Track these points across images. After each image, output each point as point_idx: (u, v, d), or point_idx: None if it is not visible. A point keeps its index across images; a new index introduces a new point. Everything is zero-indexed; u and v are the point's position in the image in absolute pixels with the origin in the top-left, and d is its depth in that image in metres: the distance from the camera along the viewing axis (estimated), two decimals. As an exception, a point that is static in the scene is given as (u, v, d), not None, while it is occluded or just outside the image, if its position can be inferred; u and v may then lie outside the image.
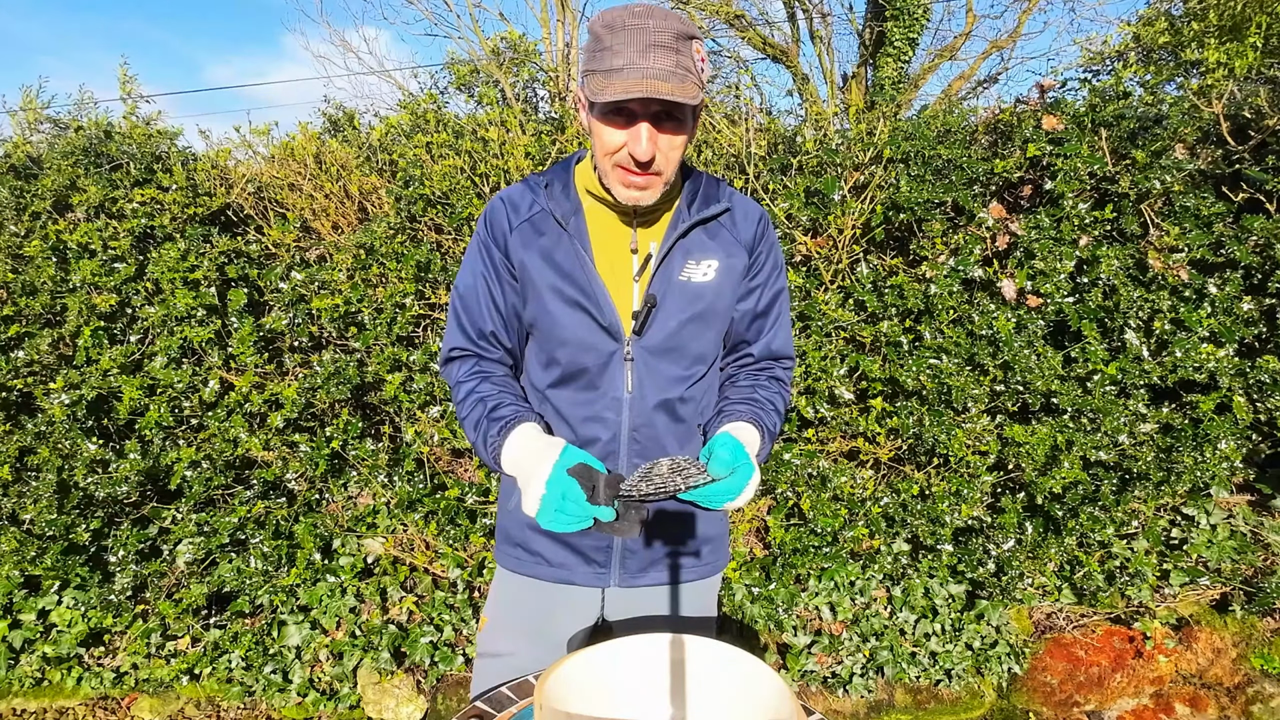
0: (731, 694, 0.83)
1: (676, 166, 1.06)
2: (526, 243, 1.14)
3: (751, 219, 1.19)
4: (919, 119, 2.54)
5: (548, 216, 1.14)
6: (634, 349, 1.13)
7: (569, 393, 1.17)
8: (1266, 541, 2.34)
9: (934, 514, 2.18)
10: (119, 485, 2.13)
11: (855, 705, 2.26)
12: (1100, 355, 2.14)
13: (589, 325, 1.12)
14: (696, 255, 1.14)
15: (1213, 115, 2.25)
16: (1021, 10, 9.63)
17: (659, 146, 1.01)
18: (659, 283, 1.12)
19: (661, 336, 1.13)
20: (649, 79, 0.94)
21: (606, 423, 1.15)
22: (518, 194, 1.17)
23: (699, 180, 1.19)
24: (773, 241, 1.22)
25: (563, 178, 1.17)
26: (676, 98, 0.94)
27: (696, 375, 1.18)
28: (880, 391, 2.22)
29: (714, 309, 1.16)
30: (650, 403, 1.15)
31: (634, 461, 1.16)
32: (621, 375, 1.14)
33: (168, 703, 2.32)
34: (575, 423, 1.17)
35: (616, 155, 1.02)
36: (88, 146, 2.42)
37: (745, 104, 2.96)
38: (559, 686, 0.80)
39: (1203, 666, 2.29)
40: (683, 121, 1.02)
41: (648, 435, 1.16)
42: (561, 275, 1.12)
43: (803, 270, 2.29)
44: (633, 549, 1.22)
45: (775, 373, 1.26)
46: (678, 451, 1.19)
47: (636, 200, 1.05)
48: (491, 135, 2.41)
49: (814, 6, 10.28)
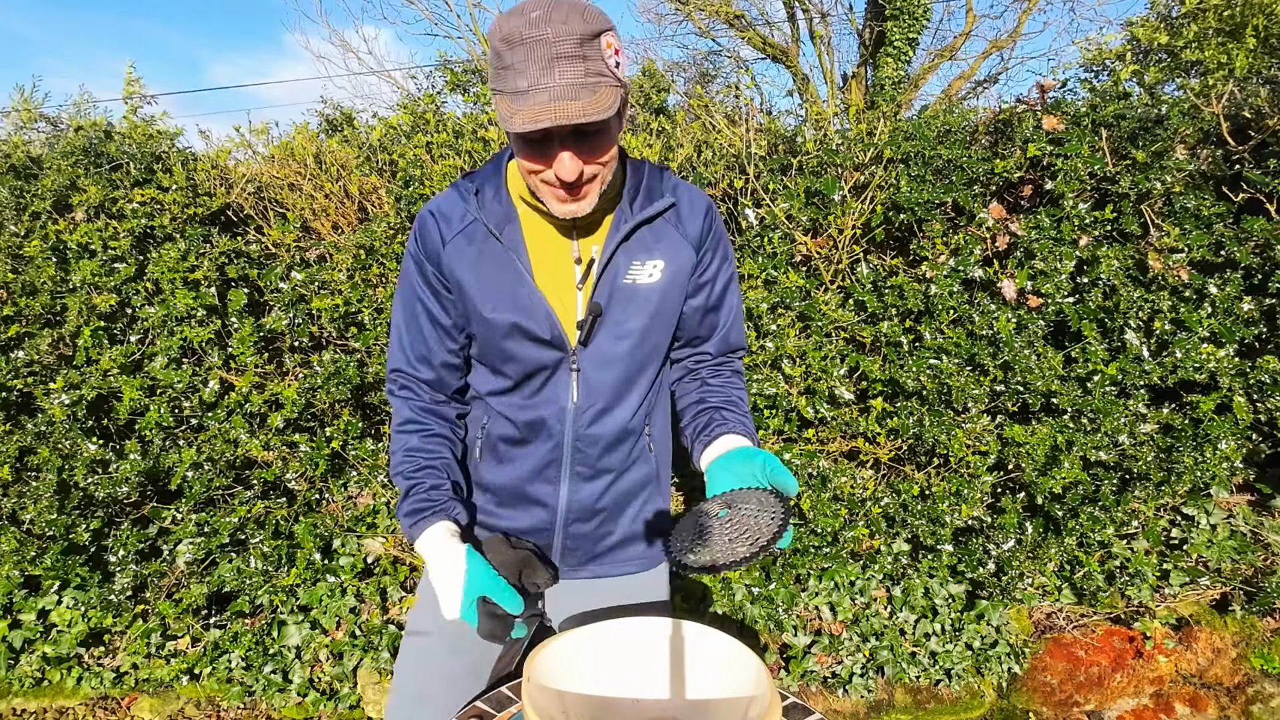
0: (712, 674, 0.86)
1: (612, 168, 1.01)
2: (460, 257, 1.09)
3: (698, 212, 1.14)
4: (919, 119, 2.54)
5: (480, 226, 1.08)
6: (580, 358, 1.10)
7: (515, 400, 1.15)
8: (1266, 541, 2.34)
9: (934, 514, 2.18)
10: (119, 485, 2.13)
11: (855, 705, 2.26)
12: (1100, 355, 2.14)
13: (531, 340, 1.09)
14: (642, 256, 1.09)
15: (1213, 115, 2.25)
16: (1021, 10, 9.63)
17: (585, 158, 0.95)
18: (603, 289, 1.08)
19: (608, 344, 1.10)
20: (557, 101, 0.86)
21: (551, 431, 1.14)
22: (448, 203, 1.11)
23: (641, 173, 1.13)
24: (720, 233, 1.18)
25: (494, 181, 1.11)
26: (589, 117, 0.87)
27: (645, 379, 1.16)
28: (880, 392, 2.22)
29: (662, 311, 1.12)
30: (596, 411, 1.13)
31: (576, 470, 1.15)
32: (567, 386, 1.11)
33: (168, 703, 2.32)
34: (521, 428, 1.15)
35: (542, 174, 0.96)
36: (88, 146, 2.42)
37: (745, 104, 2.96)
38: (547, 664, 0.83)
39: (1203, 666, 2.29)
40: (605, 131, 0.95)
41: (591, 443, 1.14)
42: (498, 290, 1.08)
43: (803, 270, 2.29)
44: (573, 547, 1.21)
45: (735, 365, 1.24)
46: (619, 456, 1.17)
47: (574, 214, 1.00)
48: (491, 135, 2.41)
49: (814, 6, 10.28)
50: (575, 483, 1.16)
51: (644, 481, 1.22)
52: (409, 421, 1.16)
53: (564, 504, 1.17)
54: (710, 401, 1.15)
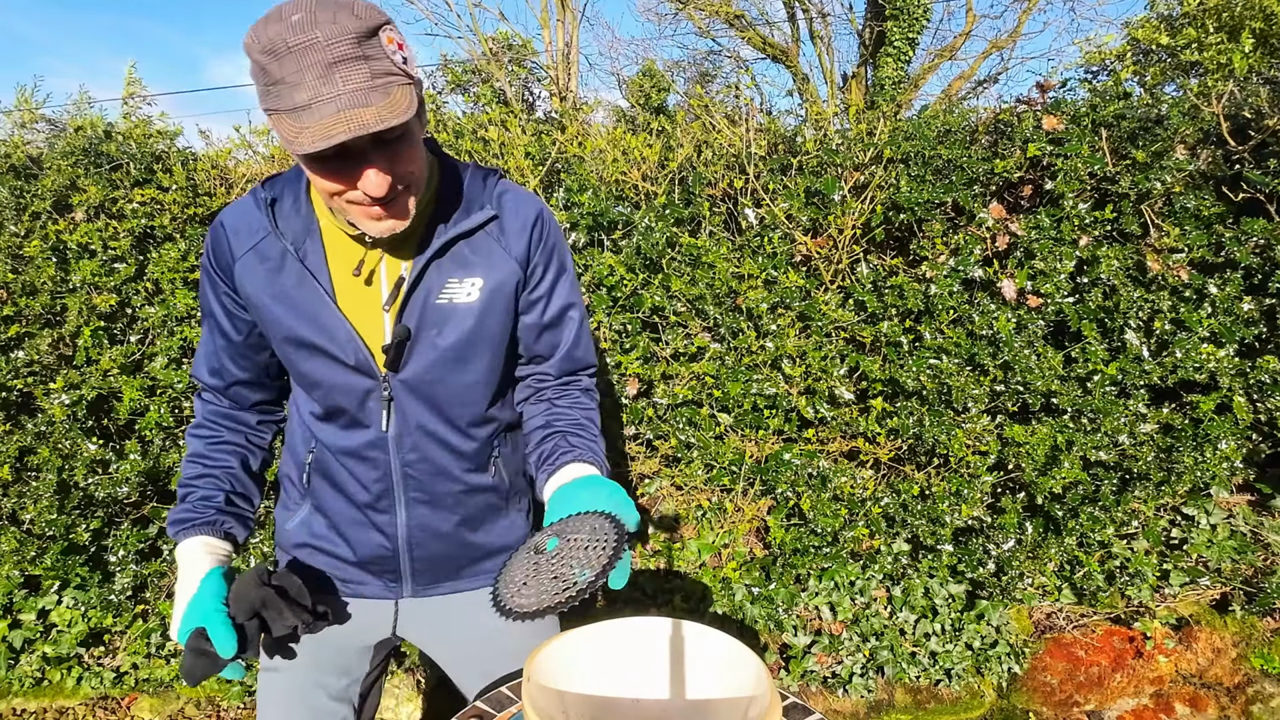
0: (712, 673, 0.86)
1: (424, 173, 0.91)
2: (251, 275, 0.98)
3: (524, 225, 1.02)
4: (919, 119, 2.54)
5: (275, 241, 0.97)
6: (393, 385, 1.00)
7: (333, 429, 1.06)
8: (1266, 541, 2.34)
9: (934, 514, 2.18)
10: (119, 485, 2.13)
11: (855, 705, 2.27)
12: (1100, 355, 2.14)
13: (335, 367, 0.99)
14: (459, 273, 0.98)
15: (1213, 116, 2.25)
16: (1021, 10, 9.64)
17: (392, 168, 0.84)
18: (414, 310, 0.97)
19: (422, 369, 1.00)
20: (346, 110, 0.76)
21: (375, 462, 1.05)
22: (241, 214, 1.00)
23: (460, 179, 1.02)
24: (553, 244, 1.06)
25: (294, 189, 1.00)
26: (387, 122, 0.77)
27: (478, 402, 1.06)
28: (880, 392, 2.22)
29: (483, 332, 1.01)
30: (422, 438, 1.04)
31: (412, 496, 1.07)
32: (379, 414, 1.02)
33: (168, 703, 2.32)
34: (344, 460, 1.07)
35: (347, 195, 0.85)
36: (87, 147, 2.42)
37: (745, 104, 2.96)
38: (547, 664, 0.82)
39: (1203, 666, 2.29)
40: (408, 136, 0.85)
41: (424, 471, 1.06)
42: (296, 314, 0.97)
43: (803, 270, 2.29)
44: (423, 569, 1.12)
45: (583, 384, 1.14)
46: (460, 481, 1.09)
47: (391, 230, 0.90)
48: (492, 135, 2.42)
49: (814, 6, 10.28)
50: (414, 509, 1.08)
51: (497, 502, 1.14)
52: (200, 425, 1.11)
53: (403, 531, 1.09)
54: (556, 426, 1.05)
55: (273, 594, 0.91)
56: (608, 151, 2.46)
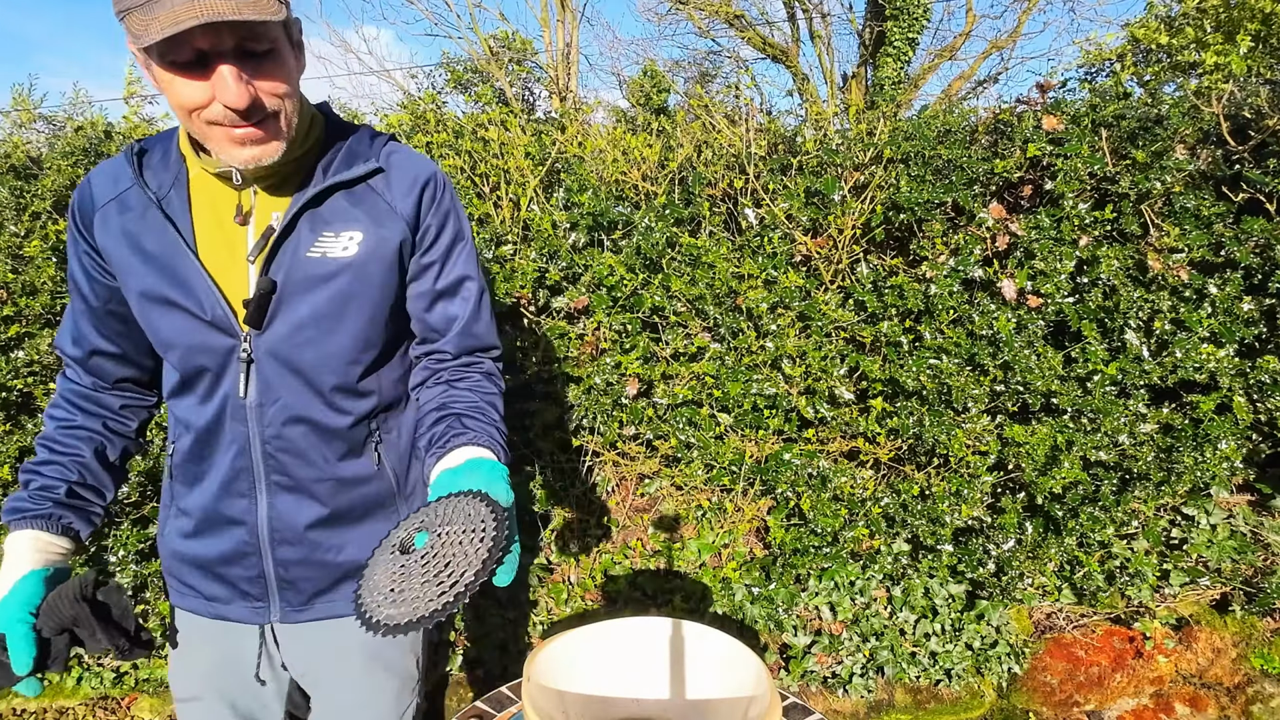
0: (712, 673, 0.87)
1: (297, 107, 0.86)
2: (109, 225, 0.92)
3: (414, 182, 0.95)
4: (919, 119, 2.54)
5: (138, 192, 0.91)
6: (255, 346, 0.92)
7: (190, 401, 0.97)
8: (1266, 541, 2.34)
9: (934, 514, 2.18)
10: (119, 485, 2.13)
11: (855, 705, 2.27)
12: (1100, 355, 2.14)
13: (190, 323, 0.92)
14: (335, 226, 0.91)
15: (1213, 116, 2.25)
16: (1021, 10, 9.64)
17: (258, 85, 0.79)
18: (281, 262, 0.90)
19: (288, 329, 0.92)
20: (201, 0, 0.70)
21: (233, 436, 0.95)
22: (109, 167, 0.95)
23: (346, 134, 0.97)
24: (448, 209, 0.99)
25: (165, 141, 0.95)
26: (247, 16, 0.71)
27: (347, 370, 0.96)
28: (880, 392, 2.22)
29: (360, 291, 0.93)
30: (286, 411, 0.94)
31: (273, 480, 0.97)
32: (239, 380, 0.93)
33: (168, 703, 2.32)
34: (201, 438, 0.97)
35: (205, 112, 0.79)
36: (88, 146, 2.42)
37: (745, 104, 2.96)
38: (547, 664, 0.82)
39: (1203, 666, 2.29)
40: (277, 53, 0.80)
41: (288, 449, 0.96)
42: (150, 263, 0.91)
43: (803, 270, 2.29)
44: (291, 578, 1.00)
45: (485, 367, 1.03)
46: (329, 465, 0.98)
47: (256, 159, 0.83)
48: (491, 135, 2.41)
49: (814, 6, 10.28)
50: (275, 494, 0.97)
51: (378, 497, 1.02)
52: (55, 405, 1.03)
53: (264, 521, 0.98)
54: (452, 409, 0.94)
55: (87, 612, 0.82)
56: (608, 151, 2.46)
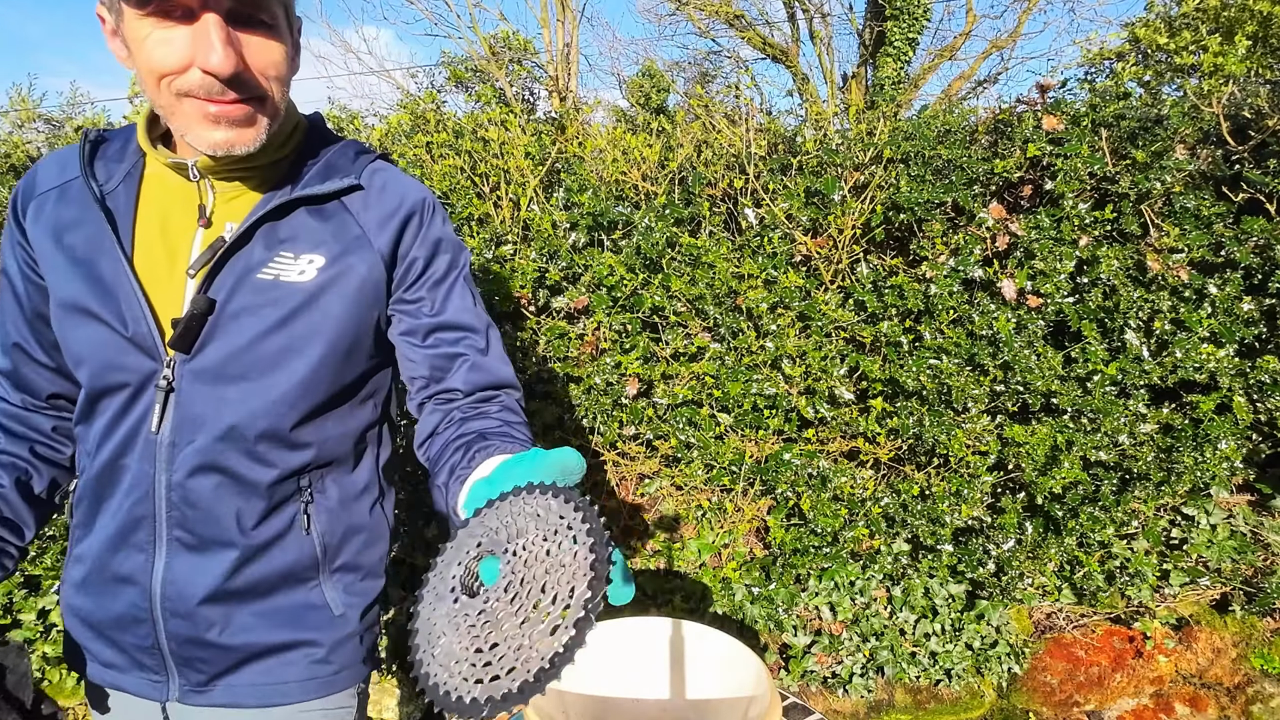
0: (713, 673, 0.87)
1: (284, 94, 0.75)
2: (41, 215, 0.81)
3: (396, 209, 0.83)
4: (919, 119, 2.54)
5: (81, 183, 0.80)
6: (177, 374, 0.78)
7: (97, 431, 0.83)
8: (1266, 541, 2.34)
9: (934, 514, 2.18)
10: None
11: (855, 705, 2.27)
12: (1100, 355, 2.14)
13: (108, 337, 0.78)
14: (296, 246, 0.79)
15: (1213, 115, 2.25)
16: (1021, 10, 9.63)
17: (247, 56, 0.69)
18: (225, 280, 0.77)
19: (220, 359, 0.78)
20: None
21: (136, 476, 0.80)
22: (61, 154, 0.84)
23: (328, 145, 0.85)
24: (438, 236, 0.86)
25: (126, 132, 0.85)
26: None
27: (283, 415, 0.80)
28: (880, 392, 2.22)
29: (312, 325, 0.79)
30: (200, 456, 0.79)
31: (175, 535, 0.81)
32: (153, 411, 0.79)
33: (168, 703, 2.32)
34: (102, 475, 0.83)
35: (180, 80, 0.68)
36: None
37: (745, 104, 2.96)
38: None
39: (1203, 666, 2.29)
40: (272, 25, 0.70)
41: (196, 501, 0.80)
42: (73, 264, 0.78)
43: (803, 270, 2.29)
44: (185, 655, 0.84)
45: (503, 399, 0.87)
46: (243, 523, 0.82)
47: (228, 145, 0.72)
48: (492, 135, 2.41)
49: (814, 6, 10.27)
50: (176, 554, 0.82)
51: (294, 568, 0.86)
52: None
53: (158, 584, 0.82)
54: (469, 434, 0.80)
55: None
56: (608, 151, 2.46)
